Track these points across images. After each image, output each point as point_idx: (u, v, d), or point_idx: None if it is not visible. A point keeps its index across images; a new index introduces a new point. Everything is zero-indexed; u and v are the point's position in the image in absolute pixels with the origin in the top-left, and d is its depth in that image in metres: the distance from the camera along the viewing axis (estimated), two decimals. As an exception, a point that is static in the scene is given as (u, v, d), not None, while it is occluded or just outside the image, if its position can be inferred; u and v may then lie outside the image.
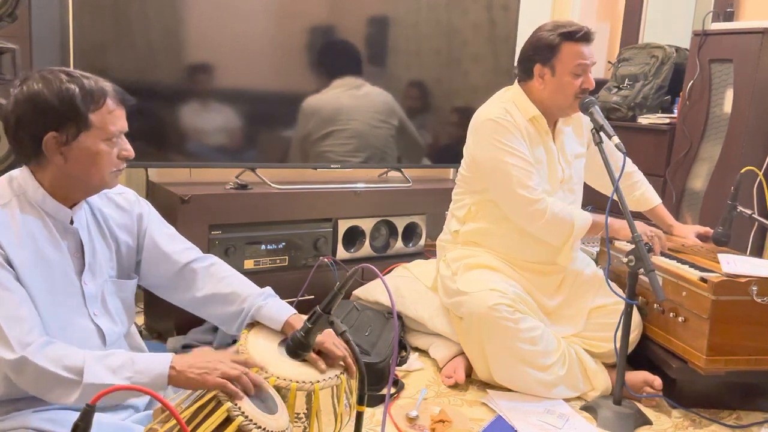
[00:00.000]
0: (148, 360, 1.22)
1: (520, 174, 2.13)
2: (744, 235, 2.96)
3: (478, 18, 3.12)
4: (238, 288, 1.49)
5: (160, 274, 1.50)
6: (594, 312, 2.25)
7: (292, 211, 2.63)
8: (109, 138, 1.28)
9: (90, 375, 1.17)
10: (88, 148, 1.26)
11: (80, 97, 1.24)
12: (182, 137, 2.46)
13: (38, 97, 1.23)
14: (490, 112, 2.20)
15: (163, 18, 2.35)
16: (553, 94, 2.19)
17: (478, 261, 2.26)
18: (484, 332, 2.09)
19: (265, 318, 1.44)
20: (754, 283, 1.94)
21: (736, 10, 3.42)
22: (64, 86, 1.23)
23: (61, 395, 1.18)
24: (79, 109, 1.24)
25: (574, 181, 2.30)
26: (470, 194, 2.33)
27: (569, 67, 2.14)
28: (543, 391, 2.11)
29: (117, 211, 1.45)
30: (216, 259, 1.54)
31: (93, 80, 1.28)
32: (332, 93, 2.79)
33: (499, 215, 2.25)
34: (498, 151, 2.15)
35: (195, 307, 1.52)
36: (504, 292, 2.10)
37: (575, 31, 2.13)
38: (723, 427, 2.04)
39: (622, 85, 3.54)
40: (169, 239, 1.51)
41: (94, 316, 1.36)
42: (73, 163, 1.27)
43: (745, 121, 2.94)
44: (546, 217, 2.13)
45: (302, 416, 1.30)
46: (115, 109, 1.29)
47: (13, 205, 1.27)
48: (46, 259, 1.28)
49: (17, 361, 1.16)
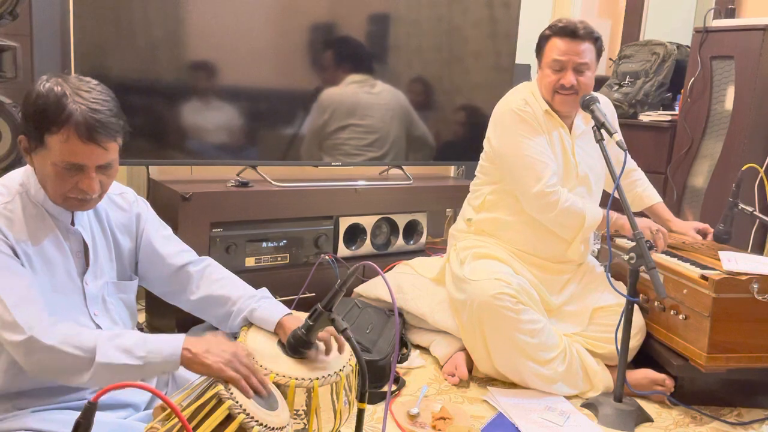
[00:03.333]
0: (160, 340, 1.21)
1: (537, 165, 2.16)
2: (745, 233, 2.96)
3: (479, 15, 3.11)
4: (231, 290, 1.48)
5: (156, 275, 1.50)
6: (597, 312, 2.25)
7: (293, 209, 2.63)
8: (56, 164, 1.22)
9: (102, 355, 1.16)
10: (40, 164, 1.25)
11: (42, 115, 1.20)
12: (183, 135, 2.46)
13: (26, 99, 1.24)
14: (510, 102, 2.24)
15: (165, 15, 2.35)
16: (539, 85, 2.25)
17: (487, 251, 2.28)
18: (485, 320, 2.10)
19: (258, 320, 1.43)
20: (755, 281, 1.94)
21: (738, 6, 3.41)
22: (41, 99, 1.20)
23: (73, 375, 1.18)
24: (38, 126, 1.21)
25: (591, 179, 2.31)
26: (488, 184, 2.36)
27: (547, 60, 2.21)
28: (542, 385, 2.11)
29: (118, 212, 1.45)
30: (211, 261, 1.54)
31: (72, 101, 1.20)
32: (349, 88, 2.81)
33: (514, 207, 2.28)
34: (517, 142, 2.18)
35: (191, 309, 1.53)
36: (508, 282, 2.12)
37: (560, 26, 2.17)
38: (724, 424, 2.04)
39: (623, 83, 3.54)
40: (165, 241, 1.51)
41: (94, 316, 1.36)
42: (38, 173, 1.27)
43: (747, 118, 2.94)
44: (558, 209, 2.14)
45: (302, 413, 1.30)
46: (75, 144, 1.20)
47: (17, 202, 1.27)
48: (49, 258, 1.29)
49: (26, 341, 1.15)
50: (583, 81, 2.18)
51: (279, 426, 1.14)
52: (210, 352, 1.19)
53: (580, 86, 2.18)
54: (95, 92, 1.23)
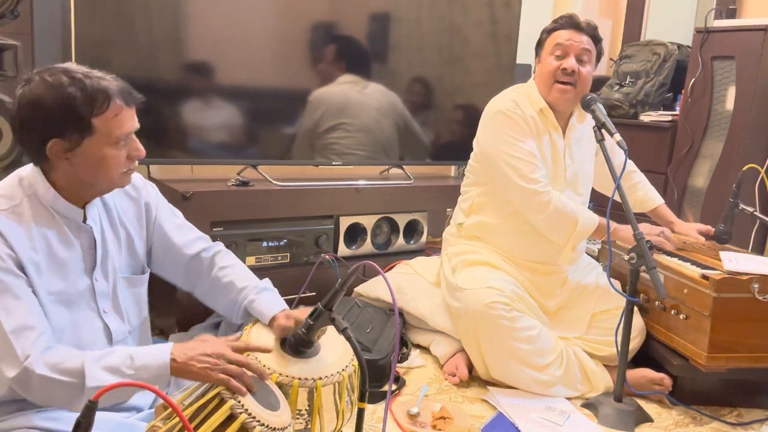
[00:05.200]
0: (147, 354, 1.20)
1: (525, 166, 2.14)
2: (746, 233, 2.96)
3: (480, 15, 3.11)
4: (237, 279, 1.49)
5: (170, 264, 1.51)
6: (597, 316, 2.25)
7: (293, 208, 2.63)
8: (115, 142, 1.24)
9: (91, 379, 1.15)
10: (93, 154, 1.23)
11: (82, 102, 1.19)
12: (184, 134, 2.46)
13: (39, 103, 1.19)
14: (499, 104, 2.23)
15: (165, 14, 2.35)
16: (539, 78, 2.24)
17: (477, 258, 2.27)
18: (480, 330, 2.09)
19: (255, 312, 1.44)
20: (756, 281, 1.94)
21: (739, 7, 3.41)
22: (65, 91, 1.19)
23: (68, 402, 1.17)
24: (81, 115, 1.19)
25: (579, 182, 2.29)
26: (476, 185, 2.35)
27: (548, 48, 2.21)
28: (540, 390, 2.10)
29: (126, 201, 1.44)
30: (221, 248, 1.55)
31: (96, 80, 1.22)
32: (340, 88, 2.80)
33: (503, 210, 2.26)
34: (505, 143, 2.17)
35: (201, 296, 1.53)
36: (501, 290, 2.10)
37: (564, 19, 2.20)
38: (724, 424, 2.04)
39: (624, 83, 3.54)
40: (178, 230, 1.51)
41: (103, 313, 1.35)
42: (80, 168, 1.24)
43: (747, 118, 2.94)
44: (549, 210, 2.12)
45: (304, 413, 1.30)
46: (120, 112, 1.24)
47: (25, 206, 1.25)
48: (59, 259, 1.27)
49: (20, 374, 1.15)
50: (583, 73, 2.16)
51: (281, 426, 1.14)
52: (195, 359, 1.18)
53: (580, 78, 2.16)
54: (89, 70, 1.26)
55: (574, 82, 2.16)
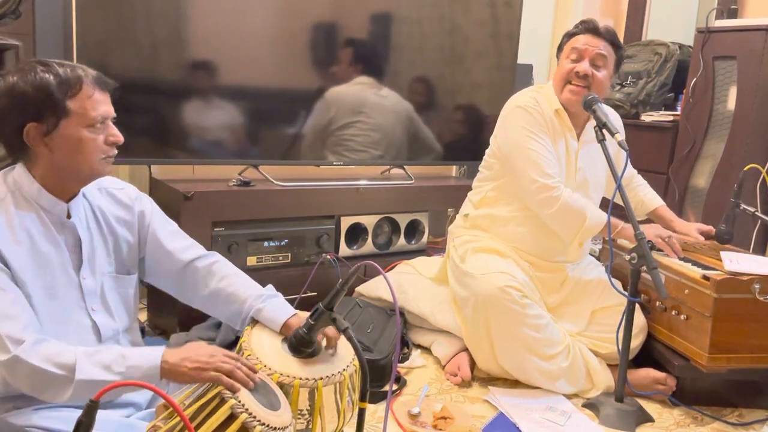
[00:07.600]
0: (139, 354, 1.22)
1: (540, 160, 2.16)
2: (747, 233, 2.96)
3: (481, 15, 3.11)
4: (239, 288, 1.49)
5: (164, 272, 1.50)
6: (599, 312, 2.25)
7: (294, 208, 2.63)
8: (91, 124, 1.27)
9: (81, 372, 1.17)
10: (70, 136, 1.26)
11: (55, 85, 1.23)
12: (185, 134, 2.46)
13: (14, 89, 1.23)
14: (519, 99, 2.26)
15: (167, 14, 2.35)
16: (555, 80, 2.27)
17: (484, 244, 2.29)
18: (491, 315, 2.10)
19: (264, 320, 1.44)
20: (757, 281, 1.94)
21: (740, 7, 3.40)
22: (38, 76, 1.23)
23: (55, 393, 1.18)
24: (56, 97, 1.23)
25: (590, 186, 2.31)
26: (490, 180, 2.36)
27: (566, 52, 2.25)
28: (544, 382, 2.11)
29: (117, 207, 1.45)
30: (218, 257, 1.54)
31: (69, 68, 1.27)
32: (357, 87, 2.82)
33: (514, 204, 2.28)
34: (522, 136, 2.19)
35: (200, 306, 1.53)
36: (514, 276, 2.12)
37: (584, 24, 2.23)
38: (725, 424, 2.04)
39: (625, 83, 3.53)
40: (172, 237, 1.51)
41: (92, 311, 1.36)
42: (59, 153, 1.27)
43: (749, 118, 2.94)
44: (558, 205, 2.14)
45: (305, 412, 1.30)
46: (93, 94, 1.27)
47: (8, 201, 1.27)
48: (43, 255, 1.28)
49: (10, 360, 1.16)
50: (597, 77, 2.18)
51: (281, 426, 1.14)
52: (187, 359, 1.20)
53: (594, 80, 2.17)
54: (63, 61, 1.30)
55: (587, 85, 2.18)
